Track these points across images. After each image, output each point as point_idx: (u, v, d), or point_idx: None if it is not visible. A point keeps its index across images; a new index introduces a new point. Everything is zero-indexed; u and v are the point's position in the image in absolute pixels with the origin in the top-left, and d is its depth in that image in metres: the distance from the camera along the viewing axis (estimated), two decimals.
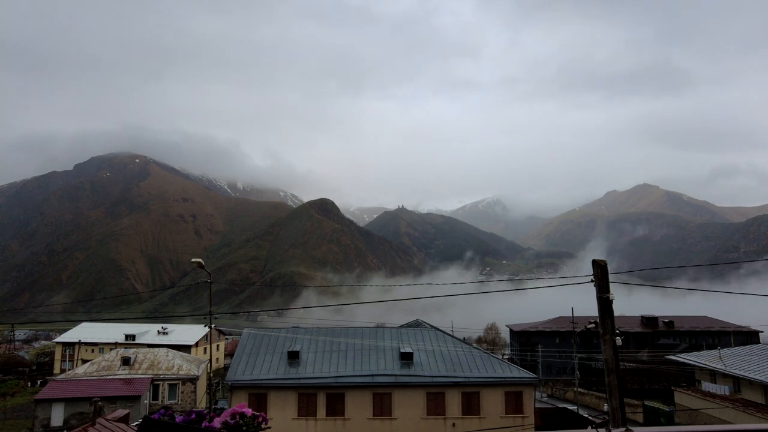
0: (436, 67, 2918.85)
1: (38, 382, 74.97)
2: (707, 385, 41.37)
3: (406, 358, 35.37)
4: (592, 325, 11.15)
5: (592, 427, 6.73)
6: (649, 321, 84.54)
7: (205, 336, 79.90)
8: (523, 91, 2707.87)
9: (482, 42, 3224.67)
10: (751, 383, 36.32)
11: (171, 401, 54.20)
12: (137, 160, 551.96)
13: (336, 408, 33.34)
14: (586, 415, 43.26)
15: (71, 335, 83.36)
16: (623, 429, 5.72)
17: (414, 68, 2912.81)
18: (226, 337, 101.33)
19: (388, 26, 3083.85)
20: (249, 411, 4.85)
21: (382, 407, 33.53)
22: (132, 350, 60.92)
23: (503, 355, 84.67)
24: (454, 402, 33.68)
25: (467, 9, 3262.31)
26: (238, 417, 4.77)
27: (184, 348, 75.75)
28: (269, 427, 4.97)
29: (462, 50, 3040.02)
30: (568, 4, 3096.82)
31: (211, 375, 36.37)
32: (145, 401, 49.89)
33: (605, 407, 24.19)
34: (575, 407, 49.63)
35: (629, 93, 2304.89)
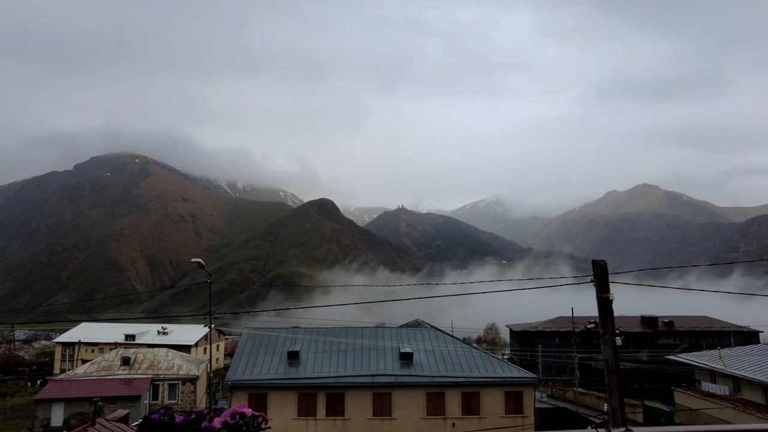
0: (478, 78, 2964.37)
1: (38, 382, 74.97)
2: (707, 385, 41.35)
3: (406, 358, 35.36)
4: (592, 325, 11.16)
5: (592, 427, 6.73)
6: (649, 321, 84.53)
7: (205, 336, 79.87)
8: (552, 99, 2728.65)
9: (529, 55, 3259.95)
10: (751, 383, 36.31)
11: (171, 401, 54.20)
12: (137, 160, 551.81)
13: (336, 408, 33.33)
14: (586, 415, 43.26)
15: (71, 335, 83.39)
16: (623, 429, 5.72)
17: (454, 79, 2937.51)
18: (226, 337, 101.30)
19: (441, 37, 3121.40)
20: (249, 411, 4.84)
21: (382, 407, 33.52)
22: (132, 350, 60.91)
23: (503, 355, 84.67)
24: (454, 402, 33.67)
25: (524, 25, 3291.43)
26: (238, 417, 4.77)
27: (184, 348, 75.76)
28: (269, 427, 4.97)
29: (508, 63, 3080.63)
30: (625, 21, 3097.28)
31: (211, 375, 36.37)
32: (145, 401, 49.88)
33: (605, 407, 24.19)
34: (575, 407, 49.64)
35: (657, 101, 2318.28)
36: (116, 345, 74.54)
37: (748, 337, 78.38)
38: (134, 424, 8.03)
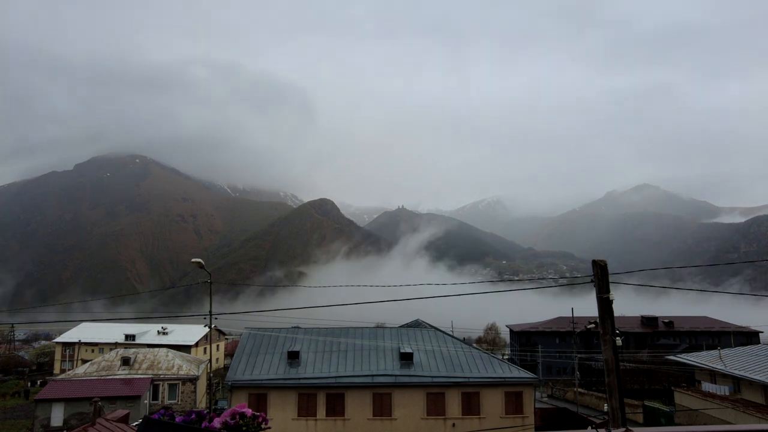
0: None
1: (38, 382, 74.99)
2: (707, 386, 41.33)
3: (406, 358, 35.36)
4: (592, 325, 11.15)
5: (592, 427, 6.73)
6: (649, 321, 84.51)
7: (205, 336, 79.87)
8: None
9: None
10: (751, 383, 36.30)
11: (171, 401, 54.20)
12: (137, 160, 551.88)
13: (336, 408, 33.33)
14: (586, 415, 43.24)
15: (71, 335, 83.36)
16: (623, 429, 5.72)
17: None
18: (226, 337, 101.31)
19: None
20: (249, 411, 4.83)
21: (382, 407, 33.52)
22: (132, 350, 60.91)
23: (503, 355, 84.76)
24: (454, 402, 33.67)
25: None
26: (238, 417, 4.76)
27: (184, 348, 75.78)
28: (269, 427, 4.96)
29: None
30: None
31: (211, 375, 36.39)
32: (145, 401, 49.87)
33: (605, 407, 24.18)
34: (575, 407, 49.64)
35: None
36: (116, 345, 74.51)
37: (748, 337, 78.36)
38: (134, 424, 8.03)
